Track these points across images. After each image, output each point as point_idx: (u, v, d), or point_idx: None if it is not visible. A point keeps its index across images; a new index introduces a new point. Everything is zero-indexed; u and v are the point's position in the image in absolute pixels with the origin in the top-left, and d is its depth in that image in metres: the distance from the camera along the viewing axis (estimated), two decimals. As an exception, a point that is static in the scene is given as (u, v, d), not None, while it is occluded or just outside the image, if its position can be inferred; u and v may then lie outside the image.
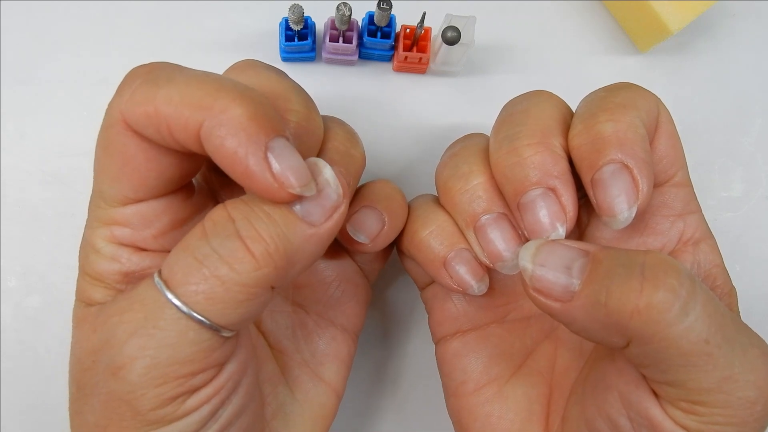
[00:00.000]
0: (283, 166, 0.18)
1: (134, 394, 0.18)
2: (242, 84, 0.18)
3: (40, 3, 0.32)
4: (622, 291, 0.18)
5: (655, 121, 0.22)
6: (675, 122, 0.23)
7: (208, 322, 0.18)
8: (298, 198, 0.19)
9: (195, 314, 0.18)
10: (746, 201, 0.34)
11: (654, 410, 0.19)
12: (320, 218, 0.19)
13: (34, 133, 0.31)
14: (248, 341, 0.21)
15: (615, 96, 0.22)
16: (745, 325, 0.19)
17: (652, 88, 0.23)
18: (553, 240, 0.20)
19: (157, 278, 0.18)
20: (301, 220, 0.19)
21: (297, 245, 0.19)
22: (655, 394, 0.19)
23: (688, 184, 0.23)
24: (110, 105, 0.20)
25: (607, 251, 0.19)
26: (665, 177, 0.23)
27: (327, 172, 0.19)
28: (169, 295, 0.18)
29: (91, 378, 0.19)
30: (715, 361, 0.18)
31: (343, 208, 0.20)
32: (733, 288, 0.23)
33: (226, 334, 0.18)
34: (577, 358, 0.24)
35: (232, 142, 0.17)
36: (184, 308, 0.18)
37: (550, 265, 0.19)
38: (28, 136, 0.31)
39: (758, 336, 0.19)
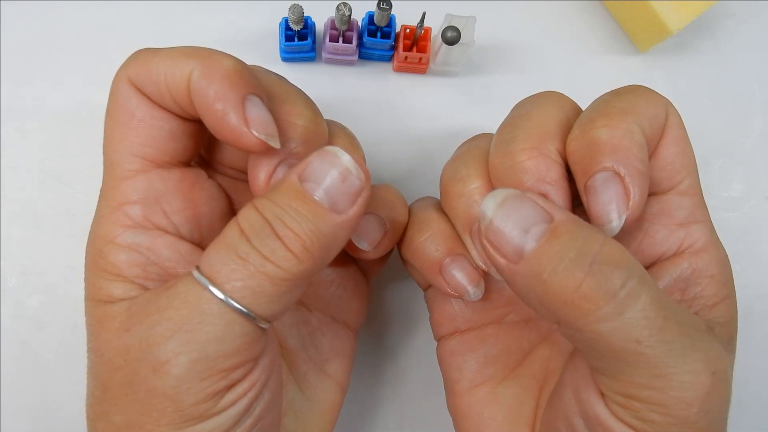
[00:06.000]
0: (254, 114, 0.19)
1: (179, 389, 0.18)
2: None
3: (40, 3, 0.32)
4: (563, 276, 0.18)
5: (660, 127, 0.21)
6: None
7: (252, 315, 0.19)
8: (265, 145, 0.20)
9: (242, 308, 0.18)
10: (746, 201, 0.34)
11: (599, 407, 0.19)
12: (347, 205, 0.20)
13: (34, 133, 0.31)
14: (275, 336, 0.22)
15: (618, 101, 0.21)
16: (698, 331, 0.19)
17: (652, 88, 0.23)
18: (522, 194, 0.20)
19: (197, 274, 0.19)
20: (329, 210, 0.19)
21: (329, 235, 0.19)
22: (602, 394, 0.19)
23: (695, 193, 0.22)
24: (116, 73, 0.21)
25: (569, 225, 0.19)
26: (669, 184, 0.22)
27: (345, 159, 0.20)
28: (216, 291, 0.18)
29: (123, 378, 0.19)
30: (647, 359, 0.18)
31: (366, 192, 0.20)
32: (725, 300, 0.22)
33: (264, 325, 0.19)
34: None
35: (215, 87, 0.19)
36: (232, 302, 0.18)
37: (511, 220, 0.19)
38: (28, 136, 0.31)
39: (711, 343, 0.19)
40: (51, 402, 0.30)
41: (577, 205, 0.22)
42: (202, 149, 0.24)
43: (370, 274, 0.28)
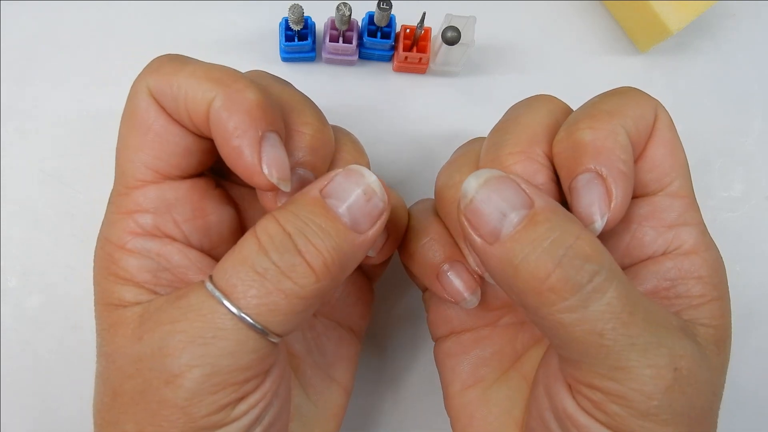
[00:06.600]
0: (270, 156, 0.19)
1: (191, 401, 0.18)
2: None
3: (40, 3, 0.32)
4: (534, 265, 0.18)
5: (648, 128, 0.21)
6: (674, 122, 0.22)
7: (266, 331, 0.19)
8: (275, 187, 0.19)
9: (256, 324, 0.18)
10: (746, 201, 0.34)
11: (567, 401, 0.20)
12: (367, 226, 0.20)
13: (34, 133, 0.31)
14: (284, 346, 0.22)
15: (604, 102, 0.21)
16: (668, 328, 0.19)
17: (652, 88, 0.23)
18: (506, 176, 0.19)
19: (211, 287, 0.19)
20: (351, 229, 0.19)
21: (348, 254, 0.19)
22: (569, 386, 0.20)
23: (685, 195, 0.22)
24: (137, 79, 0.21)
25: (549, 214, 0.19)
26: (658, 186, 0.22)
27: (371, 179, 0.20)
28: (230, 306, 0.18)
29: (134, 386, 0.19)
30: (608, 351, 0.18)
31: (386, 215, 0.20)
32: (713, 302, 0.21)
33: (275, 340, 0.19)
34: None
35: (235, 121, 0.19)
36: (247, 318, 0.18)
37: (492, 201, 0.19)
38: (28, 136, 0.31)
39: (680, 340, 0.19)
40: (51, 402, 0.30)
41: (566, 207, 0.22)
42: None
43: (373, 278, 0.28)
